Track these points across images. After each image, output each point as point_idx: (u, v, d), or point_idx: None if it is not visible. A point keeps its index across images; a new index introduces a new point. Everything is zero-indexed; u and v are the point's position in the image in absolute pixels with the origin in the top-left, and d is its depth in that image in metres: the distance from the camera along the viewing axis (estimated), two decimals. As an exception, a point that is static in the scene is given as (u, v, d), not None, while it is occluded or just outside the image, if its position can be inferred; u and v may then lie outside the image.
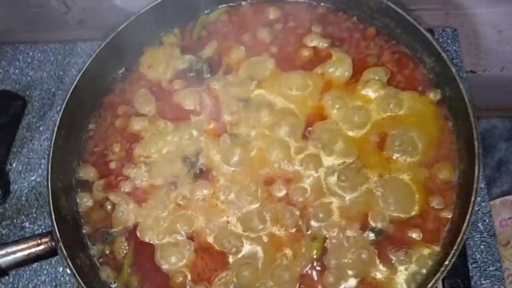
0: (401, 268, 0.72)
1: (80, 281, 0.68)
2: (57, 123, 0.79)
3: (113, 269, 0.76)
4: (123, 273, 0.75)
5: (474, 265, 0.88)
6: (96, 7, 1.17)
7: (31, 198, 1.03)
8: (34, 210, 1.02)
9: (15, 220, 1.01)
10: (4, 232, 1.00)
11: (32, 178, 1.05)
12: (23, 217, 1.01)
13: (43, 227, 0.99)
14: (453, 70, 0.74)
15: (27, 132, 1.11)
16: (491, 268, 0.87)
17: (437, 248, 0.72)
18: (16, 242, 0.72)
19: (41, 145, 1.08)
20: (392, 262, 0.73)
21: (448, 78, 0.77)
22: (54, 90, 1.15)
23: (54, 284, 0.95)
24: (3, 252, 0.70)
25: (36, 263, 0.96)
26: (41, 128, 1.11)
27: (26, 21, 1.23)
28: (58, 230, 0.72)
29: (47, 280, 0.95)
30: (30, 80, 1.17)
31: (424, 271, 0.71)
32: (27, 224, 1.01)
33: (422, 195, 0.76)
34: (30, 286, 0.95)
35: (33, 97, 1.15)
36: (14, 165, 1.07)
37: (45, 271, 0.96)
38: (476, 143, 0.70)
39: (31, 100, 1.15)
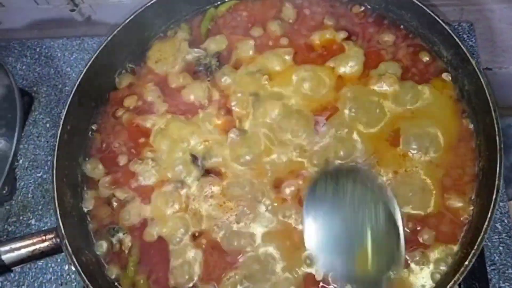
0: (417, 268, 0.69)
1: (85, 278, 0.66)
2: (63, 118, 0.77)
3: (120, 267, 0.74)
4: (127, 272, 0.73)
5: (492, 267, 0.85)
6: (103, 3, 1.16)
7: (37, 195, 1.02)
8: (40, 207, 1.01)
9: (21, 217, 1.00)
10: (10, 229, 0.99)
11: (38, 175, 1.04)
12: (29, 214, 1.00)
13: (49, 224, 0.98)
14: (473, 62, 0.71)
15: (33, 129, 1.10)
16: (510, 271, 0.84)
17: (455, 248, 0.69)
18: (21, 238, 0.70)
19: (47, 142, 1.07)
20: (408, 262, 0.70)
21: (467, 71, 0.74)
22: (61, 86, 1.14)
23: (59, 282, 0.93)
24: (7, 248, 0.68)
25: (42, 261, 0.95)
26: (47, 125, 1.10)
27: (33, 18, 1.23)
28: (63, 227, 0.70)
29: (52, 278, 0.94)
30: (37, 76, 1.16)
31: (441, 272, 0.68)
32: (33, 221, 1.00)
33: (439, 193, 0.73)
34: (36, 284, 0.93)
35: (40, 93, 1.14)
36: (20, 161, 1.06)
37: (50, 269, 0.94)
38: (498, 138, 0.66)
39: (38, 97, 1.14)
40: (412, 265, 0.70)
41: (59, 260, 0.95)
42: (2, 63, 1.02)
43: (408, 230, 0.71)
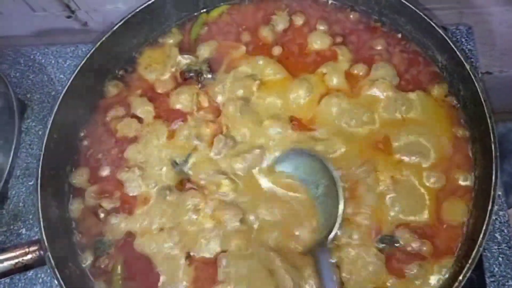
0: (416, 282, 0.67)
1: (68, 293, 0.64)
2: (48, 127, 0.76)
3: (105, 281, 0.72)
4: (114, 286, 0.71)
5: (491, 279, 0.82)
6: (99, 9, 1.15)
7: (28, 204, 1.00)
8: (31, 217, 0.99)
9: (11, 227, 0.98)
10: (0, 238, 0.98)
11: (30, 183, 1.02)
12: (19, 223, 0.99)
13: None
14: (468, 67, 0.69)
15: (26, 136, 1.08)
16: (510, 283, 0.81)
17: (451, 261, 0.67)
18: (3, 250, 0.69)
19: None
20: (405, 275, 0.67)
21: (462, 76, 0.72)
22: (54, 93, 1.12)
23: (49, 293, 0.91)
24: (-11, 261, 0.67)
25: (31, 271, 0.93)
26: (40, 132, 1.08)
27: (30, 25, 1.22)
28: (47, 239, 0.68)
29: (41, 289, 0.92)
30: (31, 83, 1.15)
31: (437, 286, 0.66)
32: (23, 231, 0.98)
33: (434, 203, 0.71)
34: (25, 294, 0.92)
35: (33, 100, 1.13)
36: (12, 170, 1.05)
37: (40, 280, 0.93)
38: (493, 146, 0.64)
39: (31, 104, 1.12)
40: (410, 277, 0.67)
41: (48, 271, 0.92)
42: (2, 75, 1.02)
43: (402, 243, 0.69)
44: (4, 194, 1.02)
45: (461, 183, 0.72)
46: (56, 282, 0.66)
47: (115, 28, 0.84)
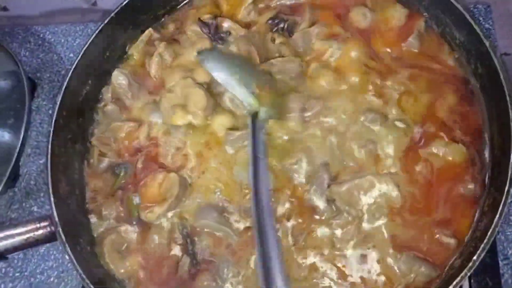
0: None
1: (78, 267, 0.65)
2: (58, 103, 0.76)
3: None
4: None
5: (505, 262, 0.81)
6: (108, -11, 1.13)
7: (39, 182, 1.01)
8: (42, 194, 1.00)
9: (23, 204, 1.00)
10: (13, 216, 0.99)
11: (41, 161, 1.03)
12: (31, 201, 1.00)
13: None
14: (487, 43, 0.66)
15: (36, 115, 1.09)
16: (524, 266, 0.80)
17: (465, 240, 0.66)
18: (14, 226, 0.69)
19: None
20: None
21: (480, 53, 0.69)
22: (64, 72, 1.12)
23: (61, 269, 0.93)
24: (1, 235, 0.67)
25: (43, 248, 0.94)
26: (50, 111, 1.08)
27: (40, 4, 1.21)
28: (57, 215, 0.69)
29: (54, 265, 0.93)
30: (41, 62, 1.15)
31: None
32: (35, 208, 0.99)
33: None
34: (38, 270, 0.93)
35: (43, 79, 1.13)
36: (23, 148, 1.05)
37: (52, 256, 0.94)
38: (512, 126, 0.62)
39: (41, 83, 1.12)
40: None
41: (60, 248, 0.94)
42: (13, 53, 1.01)
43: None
44: (16, 173, 1.02)
45: (478, 163, 0.70)
46: (67, 257, 0.66)
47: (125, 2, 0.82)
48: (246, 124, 0.74)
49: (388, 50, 0.79)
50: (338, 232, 0.68)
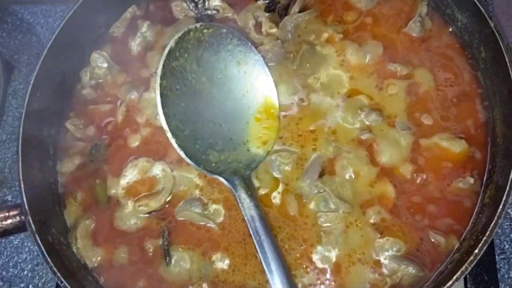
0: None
1: (48, 259, 0.60)
2: (31, 83, 0.70)
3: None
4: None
5: (501, 256, 0.78)
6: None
7: (14, 170, 0.95)
8: (17, 183, 0.93)
9: (-4, 193, 0.94)
10: (-16, 205, 0.93)
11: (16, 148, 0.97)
12: (5, 190, 0.94)
13: (26, 201, 0.92)
14: (492, 24, 0.63)
15: (13, 99, 1.03)
16: (522, 260, 0.77)
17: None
18: (-19, 214, 0.64)
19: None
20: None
21: (484, 35, 0.65)
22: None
23: (35, 262, 0.87)
24: (-35, 224, 0.62)
25: (17, 240, 0.89)
26: (28, 96, 1.03)
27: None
28: (28, 202, 0.63)
29: (28, 258, 0.88)
30: (18, 44, 1.09)
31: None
32: (9, 198, 0.93)
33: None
34: (11, 263, 0.88)
35: (20, 62, 1.07)
36: (-3, 134, 0.99)
37: (26, 248, 0.89)
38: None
39: (18, 65, 1.06)
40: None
41: (34, 239, 0.89)
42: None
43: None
44: (-11, 159, 0.97)
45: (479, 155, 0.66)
46: (37, 248, 0.61)
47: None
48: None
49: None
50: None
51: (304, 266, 0.64)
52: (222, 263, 0.65)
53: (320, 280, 0.63)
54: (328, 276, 0.63)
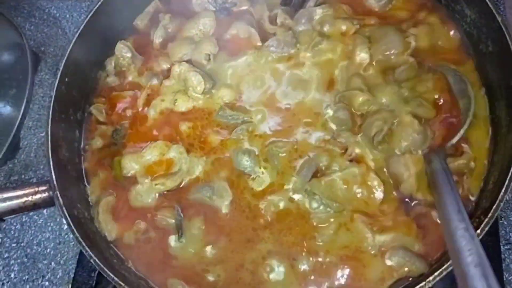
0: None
1: (75, 231, 0.64)
2: (61, 69, 0.75)
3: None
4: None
5: (507, 247, 0.80)
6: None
7: (39, 154, 1.01)
8: (42, 167, 0.99)
9: (23, 176, 0.99)
10: (12, 187, 0.98)
11: (42, 134, 1.03)
12: (30, 173, 0.99)
13: (50, 184, 0.97)
14: (499, 19, 0.65)
15: (39, 89, 1.08)
16: (527, 251, 0.78)
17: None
18: (13, 188, 0.69)
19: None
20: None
21: (492, 29, 0.68)
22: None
23: (57, 241, 0.92)
24: (-2, 197, 0.67)
25: (41, 220, 0.94)
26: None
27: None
28: (56, 178, 0.68)
29: (51, 237, 0.93)
30: (45, 36, 1.14)
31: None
32: (34, 181, 0.98)
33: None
34: (35, 241, 0.92)
35: (47, 53, 1.12)
36: (24, 121, 1.04)
37: (49, 228, 0.93)
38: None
39: (44, 57, 1.12)
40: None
41: (57, 219, 0.94)
42: (17, 26, 1.01)
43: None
44: (16, 145, 1.02)
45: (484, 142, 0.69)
46: (64, 220, 0.65)
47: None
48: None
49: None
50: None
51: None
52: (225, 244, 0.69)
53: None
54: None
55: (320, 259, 0.66)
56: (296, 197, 0.69)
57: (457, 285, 0.52)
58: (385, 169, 0.68)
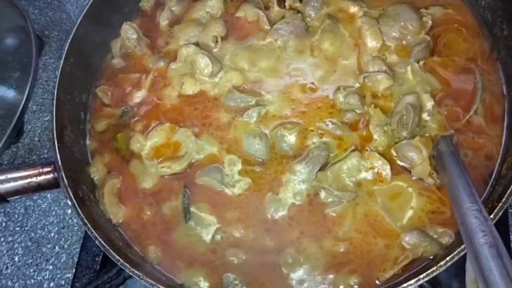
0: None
1: (80, 212, 0.63)
2: (66, 50, 0.73)
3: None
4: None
5: (516, 234, 0.78)
6: None
7: (43, 139, 1.00)
8: (46, 151, 0.99)
9: (26, 160, 0.98)
10: (16, 167, 0.97)
11: (46, 119, 1.02)
12: (34, 157, 0.98)
13: (54, 168, 0.96)
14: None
15: (43, 73, 1.07)
16: (537, 241, 0.77)
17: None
18: (17, 169, 0.68)
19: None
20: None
21: (508, 13, 0.66)
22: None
23: (62, 225, 0.91)
24: (2, 177, 0.66)
25: (45, 204, 0.93)
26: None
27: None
28: (61, 159, 0.67)
29: (55, 221, 0.92)
30: (49, 20, 1.13)
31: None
32: (38, 165, 0.98)
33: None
34: (39, 226, 0.92)
35: (51, 37, 1.11)
36: (28, 105, 1.03)
37: (53, 212, 0.93)
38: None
39: (48, 41, 1.10)
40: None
41: (62, 204, 0.93)
42: (21, 9, 0.99)
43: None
44: (20, 128, 1.01)
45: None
46: (69, 202, 0.64)
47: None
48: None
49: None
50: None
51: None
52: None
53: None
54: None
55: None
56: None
57: (460, 277, 0.51)
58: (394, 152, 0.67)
